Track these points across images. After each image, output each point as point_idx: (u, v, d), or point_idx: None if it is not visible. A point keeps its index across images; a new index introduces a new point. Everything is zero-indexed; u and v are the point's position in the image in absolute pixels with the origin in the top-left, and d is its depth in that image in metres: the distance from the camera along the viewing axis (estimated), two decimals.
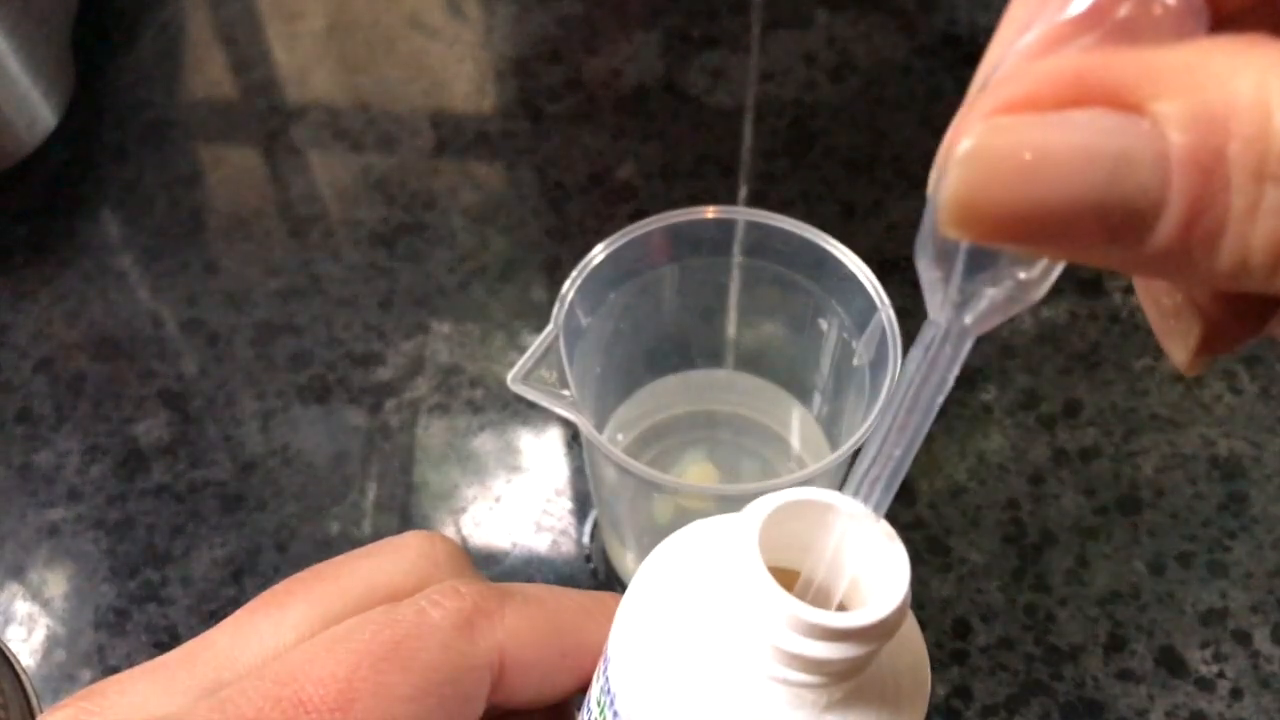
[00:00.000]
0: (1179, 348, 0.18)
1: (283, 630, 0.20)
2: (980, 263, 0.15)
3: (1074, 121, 0.13)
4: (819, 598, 0.18)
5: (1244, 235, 0.13)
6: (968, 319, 0.15)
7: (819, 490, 0.18)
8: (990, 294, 0.15)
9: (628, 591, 0.20)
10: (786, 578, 0.17)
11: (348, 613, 0.21)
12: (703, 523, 0.20)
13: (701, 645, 0.18)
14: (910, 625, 0.19)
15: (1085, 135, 0.13)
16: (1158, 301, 0.19)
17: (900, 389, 0.16)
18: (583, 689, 0.22)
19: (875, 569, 0.17)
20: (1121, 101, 0.13)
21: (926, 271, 0.15)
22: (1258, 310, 0.18)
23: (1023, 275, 0.15)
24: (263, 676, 0.19)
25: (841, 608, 0.17)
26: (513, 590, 0.21)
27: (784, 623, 0.16)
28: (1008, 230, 0.13)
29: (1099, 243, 0.13)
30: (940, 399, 0.16)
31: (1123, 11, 0.14)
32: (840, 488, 0.18)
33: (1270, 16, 0.16)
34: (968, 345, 0.16)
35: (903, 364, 0.16)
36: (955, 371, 0.16)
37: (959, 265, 0.15)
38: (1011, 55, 0.15)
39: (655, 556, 0.20)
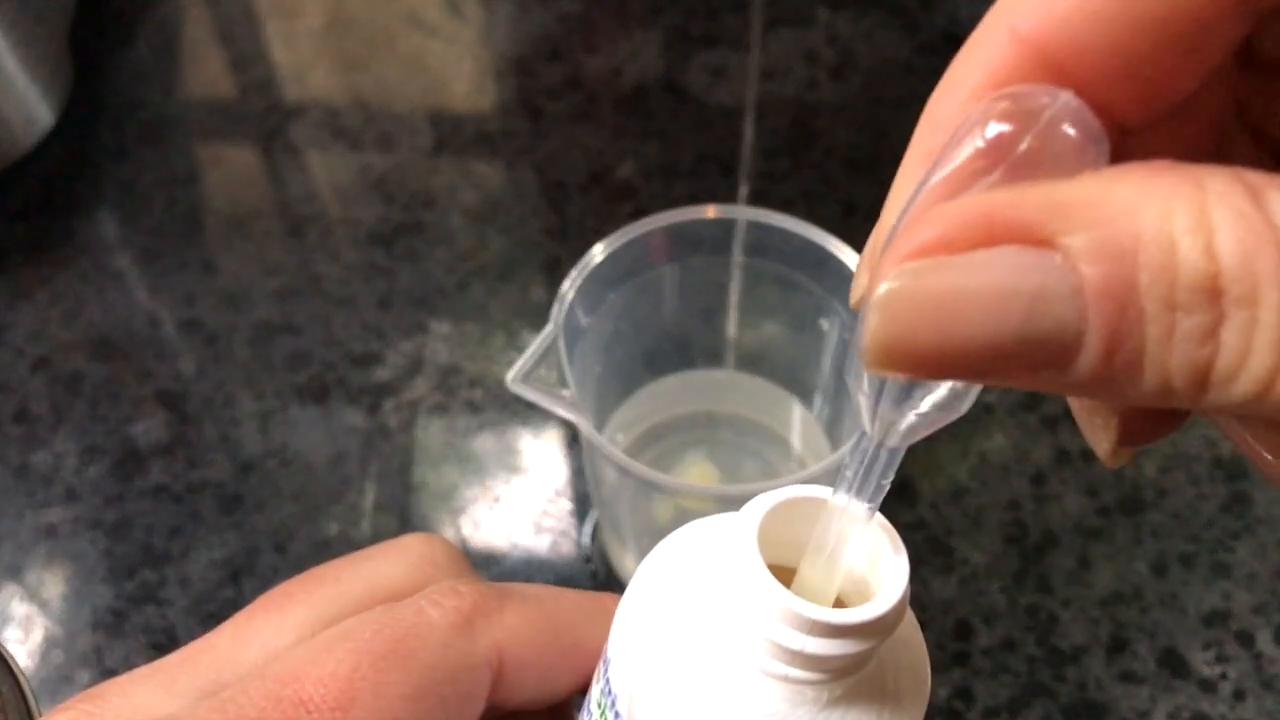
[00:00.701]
0: (1100, 441, 0.19)
1: (283, 632, 0.21)
2: (909, 384, 0.15)
3: (987, 261, 0.13)
4: (818, 595, 0.18)
5: (1163, 362, 0.13)
6: (901, 428, 0.16)
7: (818, 487, 0.18)
8: (919, 411, 0.16)
9: (627, 592, 0.19)
10: (787, 576, 0.17)
11: (347, 614, 0.21)
12: (700, 522, 0.20)
13: (702, 644, 0.18)
14: (910, 624, 0.19)
15: (999, 274, 0.13)
16: (1079, 399, 0.19)
17: (840, 489, 0.17)
18: (582, 689, 0.22)
19: (874, 566, 0.17)
20: (1032, 238, 0.13)
21: (856, 392, 0.16)
22: (1173, 412, 0.18)
23: (949, 388, 0.15)
24: (263, 677, 0.19)
25: (841, 605, 0.17)
26: (512, 590, 0.21)
27: (783, 619, 0.16)
28: (930, 368, 0.14)
29: (1023, 374, 0.14)
30: (878, 502, 0.17)
31: (1024, 145, 0.14)
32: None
33: (1171, 134, 0.17)
34: (900, 455, 0.17)
35: (841, 469, 0.17)
36: (890, 477, 0.17)
37: (887, 387, 0.16)
38: (919, 196, 0.15)
39: (653, 556, 0.20)
